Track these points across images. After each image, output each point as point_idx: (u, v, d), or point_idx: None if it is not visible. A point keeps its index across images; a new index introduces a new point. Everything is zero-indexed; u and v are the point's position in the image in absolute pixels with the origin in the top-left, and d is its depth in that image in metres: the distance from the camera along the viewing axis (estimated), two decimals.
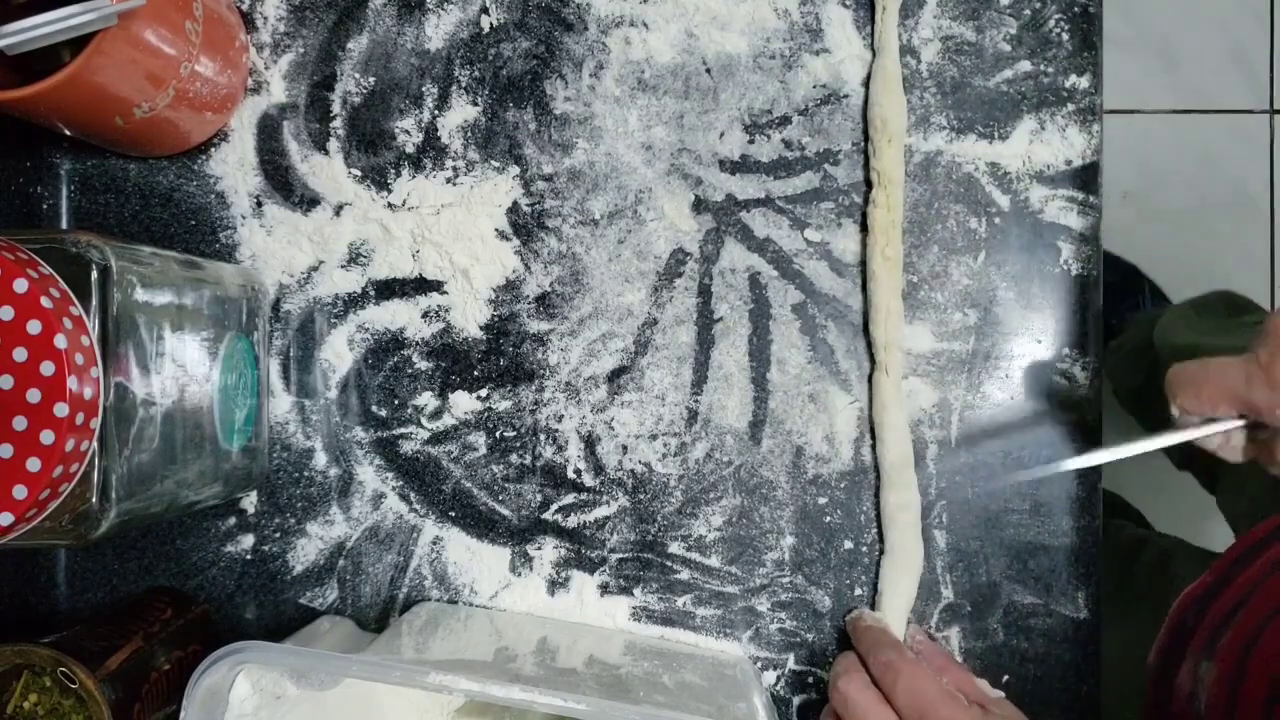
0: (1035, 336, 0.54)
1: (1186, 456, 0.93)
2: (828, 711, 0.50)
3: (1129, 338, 1.13)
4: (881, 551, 0.54)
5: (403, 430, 0.55)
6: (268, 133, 0.55)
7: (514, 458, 0.55)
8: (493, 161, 0.54)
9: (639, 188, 0.54)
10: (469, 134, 0.54)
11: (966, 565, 0.54)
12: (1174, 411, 0.46)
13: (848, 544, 0.54)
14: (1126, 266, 1.30)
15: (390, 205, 0.54)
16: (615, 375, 0.54)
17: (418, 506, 0.55)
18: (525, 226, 0.54)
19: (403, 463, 0.55)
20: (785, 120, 0.54)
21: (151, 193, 0.55)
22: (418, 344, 0.55)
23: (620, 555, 0.55)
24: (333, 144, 0.54)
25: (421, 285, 0.55)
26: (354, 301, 0.55)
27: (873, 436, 0.54)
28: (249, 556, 0.55)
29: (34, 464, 0.36)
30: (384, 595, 0.55)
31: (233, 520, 0.55)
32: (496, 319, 0.55)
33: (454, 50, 0.54)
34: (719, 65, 0.54)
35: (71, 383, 0.36)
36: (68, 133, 0.48)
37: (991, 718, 0.47)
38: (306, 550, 0.55)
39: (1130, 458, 0.49)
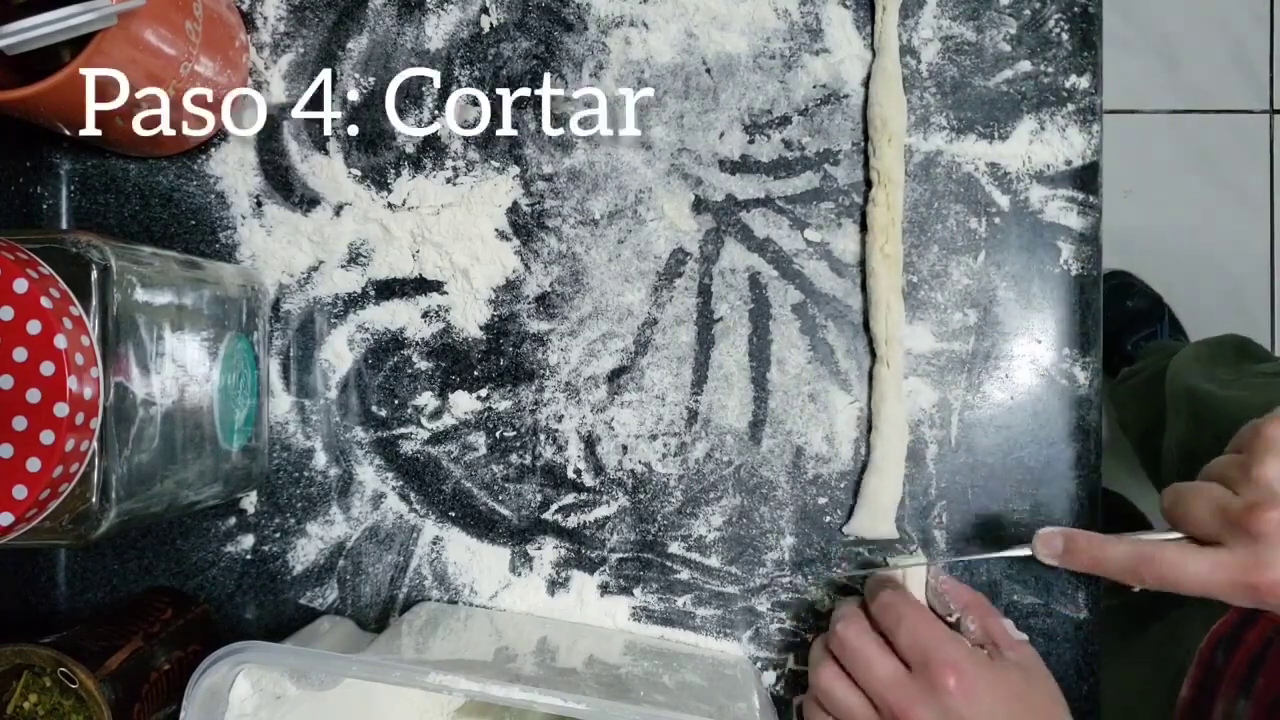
0: (1035, 336, 0.54)
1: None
2: (823, 651, 0.49)
3: (1142, 367, 1.13)
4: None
5: (403, 430, 0.55)
6: (268, 133, 0.55)
7: (514, 458, 0.55)
8: (493, 161, 0.54)
9: (639, 188, 0.54)
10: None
11: (967, 565, 0.54)
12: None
13: None
14: (1151, 294, 1.30)
15: (390, 205, 0.54)
16: (615, 375, 0.54)
17: (418, 506, 0.55)
18: (525, 226, 0.54)
19: (403, 463, 0.55)
20: (785, 120, 0.54)
21: (151, 193, 0.55)
22: (418, 344, 0.55)
23: (620, 555, 0.55)
24: (333, 144, 0.54)
25: (421, 285, 0.55)
26: (354, 301, 0.55)
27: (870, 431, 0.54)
28: (249, 556, 0.55)
29: (34, 464, 0.36)
30: (384, 595, 0.55)
31: (233, 520, 0.55)
32: (496, 319, 0.55)
33: (454, 50, 0.54)
34: (719, 65, 0.54)
35: (71, 383, 0.36)
36: (67, 133, 0.48)
37: (1000, 661, 0.46)
38: (306, 550, 0.55)
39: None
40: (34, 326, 0.36)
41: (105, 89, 0.44)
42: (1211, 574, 0.42)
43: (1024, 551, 0.49)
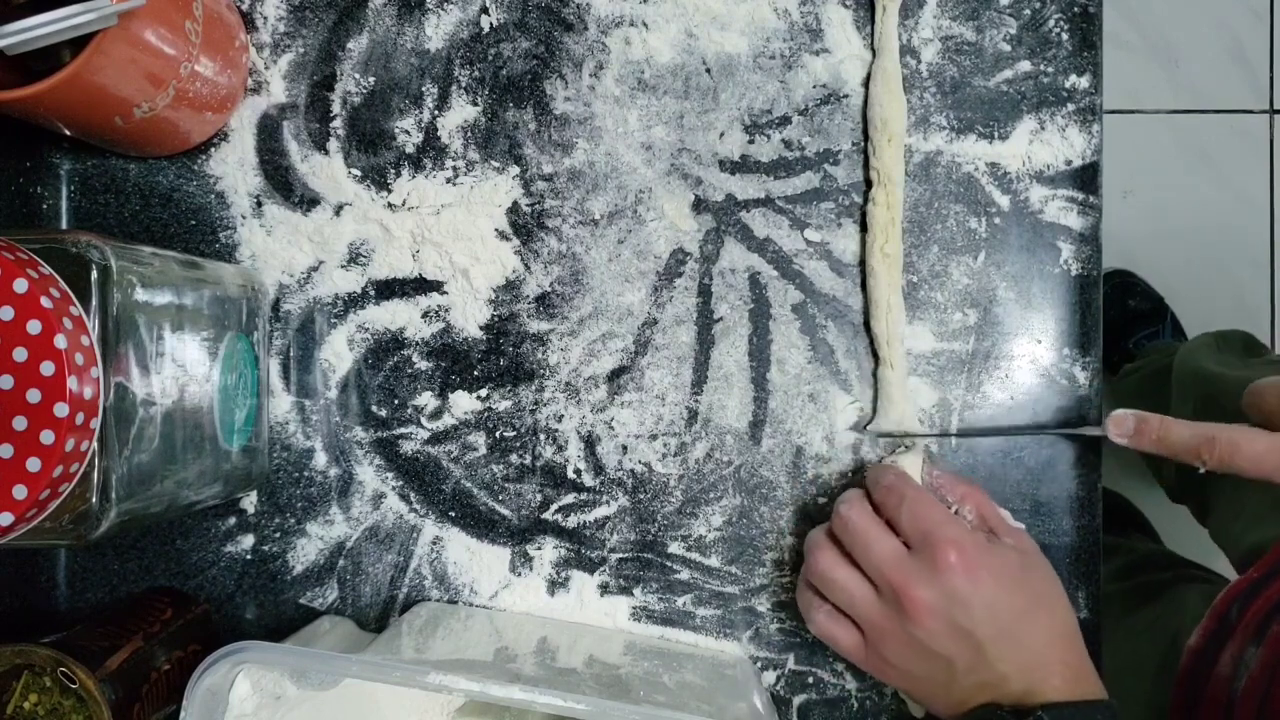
0: (1035, 336, 0.54)
1: (1179, 490, 0.94)
2: (822, 538, 0.49)
3: (1145, 364, 1.14)
4: None
5: (403, 430, 0.55)
6: (268, 133, 0.55)
7: (514, 458, 0.55)
8: (493, 161, 0.54)
9: (639, 188, 0.54)
10: (469, 134, 0.54)
11: None
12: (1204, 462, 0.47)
13: None
14: (1155, 295, 1.30)
15: (390, 205, 0.54)
16: (615, 375, 0.54)
17: (418, 506, 0.55)
18: (525, 226, 0.54)
19: (403, 463, 0.55)
20: (785, 120, 0.54)
21: (151, 193, 0.55)
22: (418, 344, 0.55)
23: (620, 555, 0.55)
24: (333, 144, 0.54)
25: (421, 285, 0.55)
26: (354, 301, 0.55)
27: None
28: (249, 556, 0.55)
29: (34, 464, 0.36)
30: (384, 595, 0.55)
31: (233, 520, 0.55)
32: (496, 319, 0.55)
33: (454, 50, 0.54)
34: (719, 65, 0.54)
35: (71, 383, 0.36)
36: (68, 133, 0.48)
37: (998, 544, 0.46)
38: (306, 550, 0.55)
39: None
40: (34, 326, 0.36)
41: (105, 89, 0.44)
42: (1267, 454, 0.45)
43: (1096, 432, 0.50)
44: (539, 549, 0.55)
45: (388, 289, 0.55)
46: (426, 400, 0.55)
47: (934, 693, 0.46)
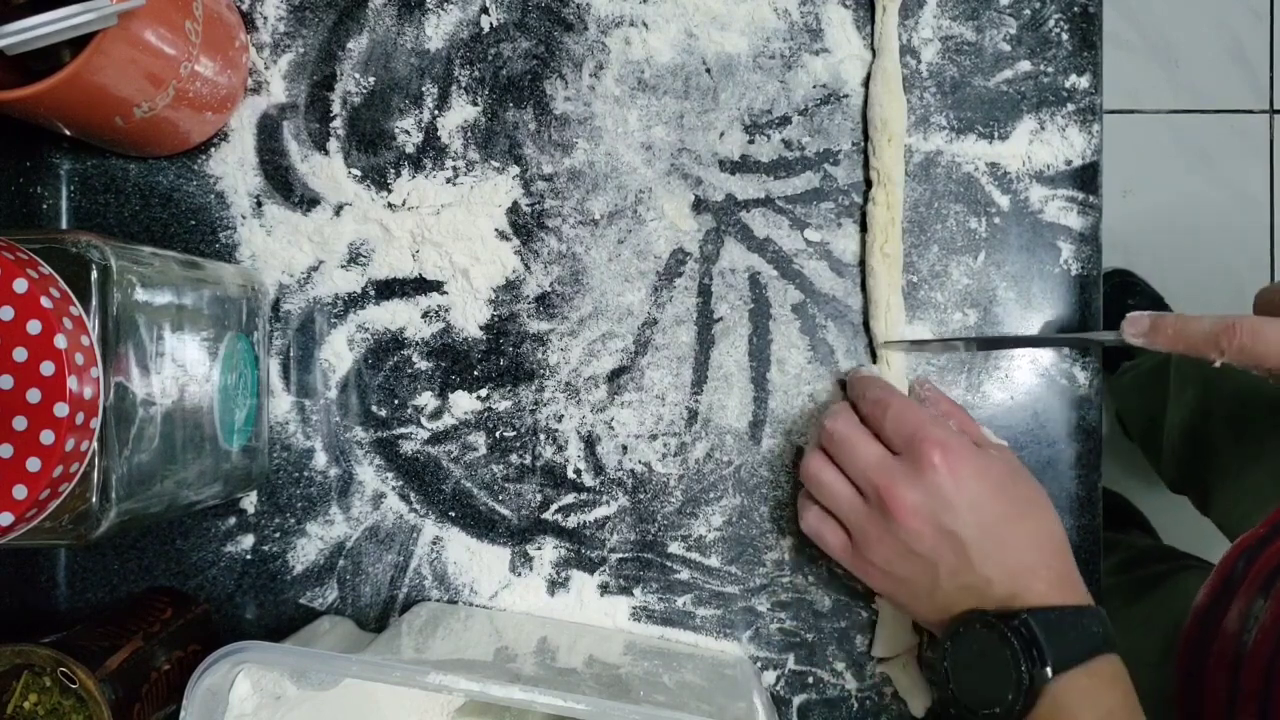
0: None
1: (1180, 480, 0.94)
2: (814, 447, 0.49)
3: (1141, 360, 1.14)
4: None
5: (403, 430, 0.55)
6: (268, 133, 0.55)
7: (514, 458, 0.55)
8: (493, 161, 0.54)
9: (639, 188, 0.54)
10: (469, 134, 0.54)
11: None
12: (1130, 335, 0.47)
13: None
14: (1155, 295, 1.30)
15: (390, 205, 0.54)
16: (615, 375, 0.54)
17: (418, 506, 0.55)
18: (525, 226, 0.54)
19: (403, 463, 0.55)
20: (785, 120, 0.54)
21: (151, 193, 0.55)
22: (418, 344, 0.55)
23: (620, 555, 0.55)
24: (333, 144, 0.54)
25: (421, 285, 0.55)
26: (354, 301, 0.55)
27: None
28: (249, 556, 0.55)
29: (34, 464, 0.36)
30: (384, 595, 0.55)
31: (233, 520, 0.55)
32: (496, 319, 0.55)
33: (454, 50, 0.54)
34: (719, 65, 0.54)
35: (71, 383, 0.36)
36: (68, 133, 0.48)
37: (985, 450, 0.47)
38: (306, 550, 0.55)
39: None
40: (34, 326, 0.36)
41: (105, 89, 0.44)
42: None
43: (1109, 336, 0.49)
44: (539, 549, 0.55)
45: (388, 289, 0.55)
46: (426, 400, 0.55)
47: (918, 597, 0.47)
